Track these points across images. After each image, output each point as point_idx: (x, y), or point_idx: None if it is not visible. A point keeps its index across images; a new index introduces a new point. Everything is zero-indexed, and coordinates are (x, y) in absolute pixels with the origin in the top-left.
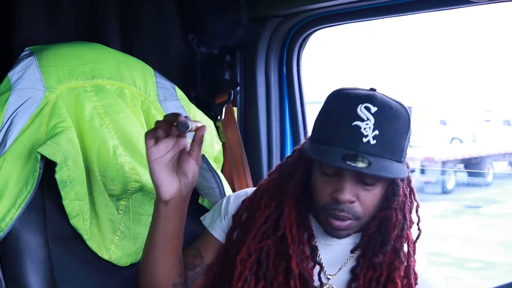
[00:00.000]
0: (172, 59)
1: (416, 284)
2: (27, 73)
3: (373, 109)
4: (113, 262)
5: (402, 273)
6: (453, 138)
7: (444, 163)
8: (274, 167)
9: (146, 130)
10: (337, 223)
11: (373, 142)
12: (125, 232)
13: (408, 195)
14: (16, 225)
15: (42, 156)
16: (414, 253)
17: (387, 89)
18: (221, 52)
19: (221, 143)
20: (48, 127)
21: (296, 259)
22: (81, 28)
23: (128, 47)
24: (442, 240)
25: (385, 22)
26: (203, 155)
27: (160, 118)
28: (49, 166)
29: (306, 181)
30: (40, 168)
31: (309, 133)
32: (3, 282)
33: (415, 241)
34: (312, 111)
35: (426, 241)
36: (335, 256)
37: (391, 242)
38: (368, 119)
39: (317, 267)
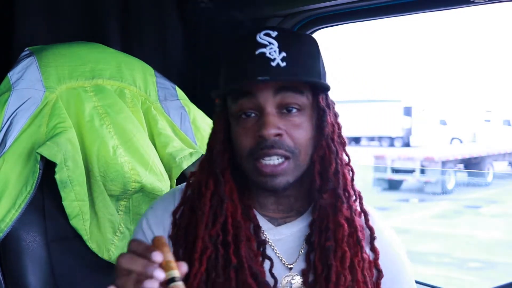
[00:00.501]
0: (172, 58)
1: (368, 235)
2: (27, 73)
3: (273, 33)
4: (113, 263)
5: (347, 214)
6: (453, 138)
7: (444, 163)
8: None
9: (146, 130)
10: (269, 166)
11: (283, 64)
12: (125, 233)
13: (336, 126)
14: (16, 226)
15: (42, 157)
16: (353, 195)
17: (387, 89)
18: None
19: None
20: (48, 128)
21: (245, 257)
22: (81, 28)
23: (128, 47)
24: (442, 240)
25: (386, 22)
26: (202, 155)
27: (160, 118)
28: (49, 167)
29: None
30: (39, 169)
31: None
32: (2, 282)
33: (352, 182)
34: None
35: (427, 241)
36: (291, 247)
37: (331, 179)
38: (270, 43)
39: (268, 262)
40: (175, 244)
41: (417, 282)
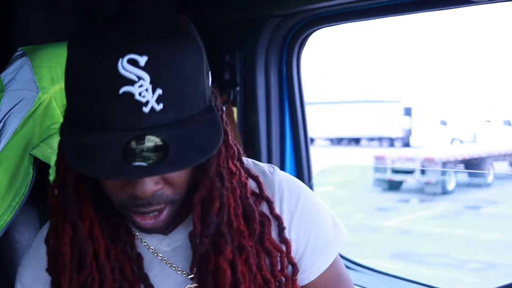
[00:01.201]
0: None
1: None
2: (20, 74)
3: (142, 59)
4: None
5: (230, 256)
6: (453, 139)
7: (444, 163)
8: None
9: None
10: (149, 222)
11: (159, 107)
12: None
13: (225, 146)
14: (10, 228)
15: (36, 158)
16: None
17: (387, 90)
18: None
19: None
20: (41, 129)
21: None
22: (81, 27)
23: None
24: (442, 241)
25: (386, 22)
26: None
27: None
28: (42, 168)
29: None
30: (33, 171)
31: (309, 133)
32: None
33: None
34: (312, 111)
35: (427, 242)
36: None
37: (213, 220)
38: (140, 78)
39: None
40: None
41: (417, 282)
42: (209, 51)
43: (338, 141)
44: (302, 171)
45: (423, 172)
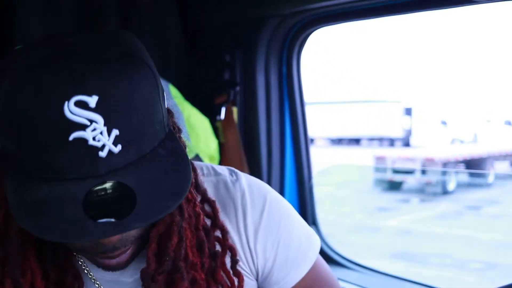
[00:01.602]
0: (171, 58)
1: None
2: None
3: (92, 100)
4: None
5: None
6: (454, 139)
7: (445, 163)
8: (273, 168)
9: None
10: (114, 261)
11: (117, 149)
12: None
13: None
14: None
15: None
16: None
17: (388, 90)
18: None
19: (216, 141)
20: None
21: None
22: (80, 27)
23: None
24: (443, 241)
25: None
26: (197, 155)
27: None
28: None
29: None
30: None
31: (309, 133)
32: None
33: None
34: (312, 111)
35: (427, 242)
36: None
37: (170, 256)
38: (92, 121)
39: None
40: None
41: (417, 283)
42: (209, 51)
43: (338, 141)
44: (302, 171)
45: (423, 172)
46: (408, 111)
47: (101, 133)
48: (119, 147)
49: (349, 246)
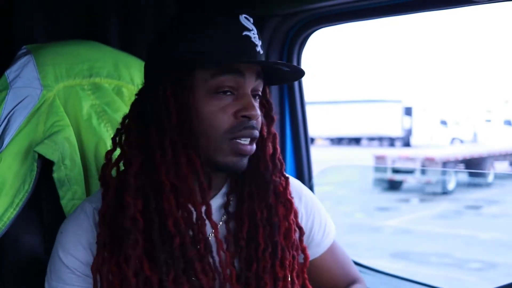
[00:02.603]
0: None
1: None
2: (24, 72)
3: (251, 19)
4: None
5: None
6: (453, 139)
7: (444, 163)
8: None
9: None
10: (247, 146)
11: (262, 51)
12: None
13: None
14: (13, 225)
15: (40, 155)
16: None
17: (388, 90)
18: None
19: None
20: (45, 126)
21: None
22: (80, 26)
23: (128, 46)
24: (443, 241)
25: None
26: None
27: None
28: (46, 165)
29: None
30: (37, 167)
31: (309, 133)
32: None
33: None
34: (312, 111)
35: (427, 242)
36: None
37: (277, 162)
38: (252, 29)
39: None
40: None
41: (417, 282)
42: None
43: (338, 141)
44: (302, 171)
45: (423, 171)
46: (408, 111)
47: (255, 37)
48: (262, 52)
49: (349, 246)
